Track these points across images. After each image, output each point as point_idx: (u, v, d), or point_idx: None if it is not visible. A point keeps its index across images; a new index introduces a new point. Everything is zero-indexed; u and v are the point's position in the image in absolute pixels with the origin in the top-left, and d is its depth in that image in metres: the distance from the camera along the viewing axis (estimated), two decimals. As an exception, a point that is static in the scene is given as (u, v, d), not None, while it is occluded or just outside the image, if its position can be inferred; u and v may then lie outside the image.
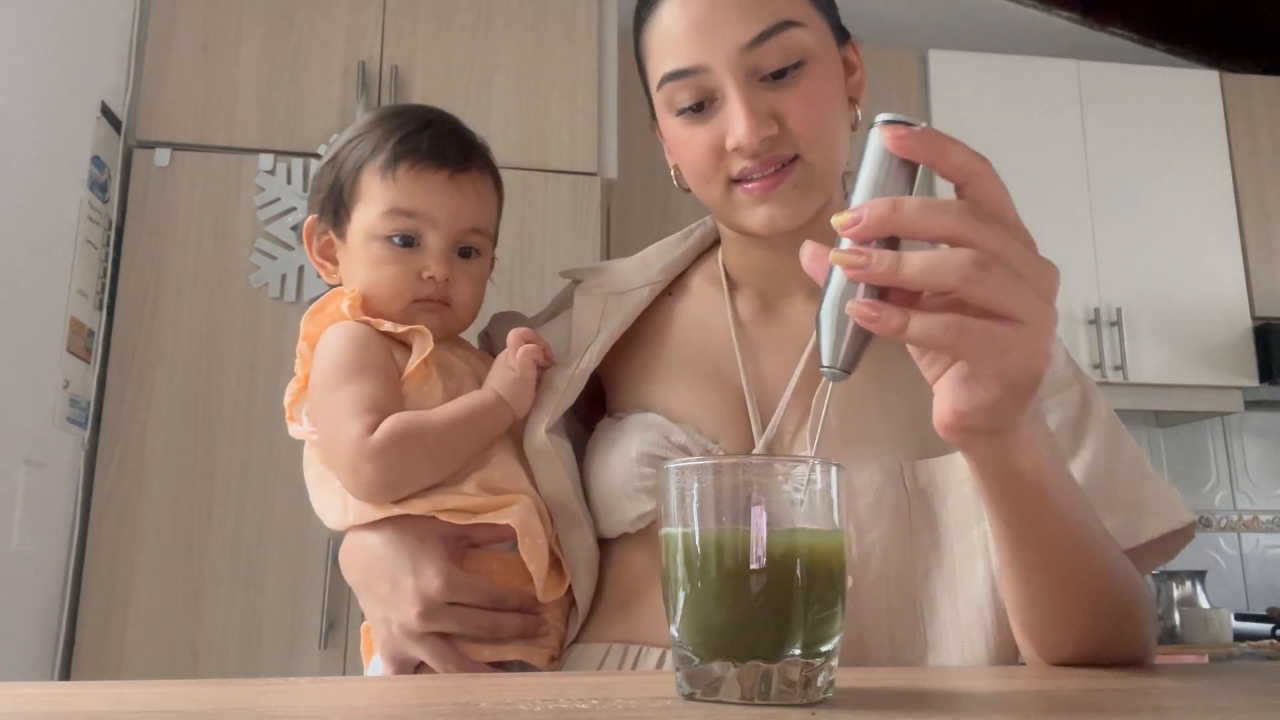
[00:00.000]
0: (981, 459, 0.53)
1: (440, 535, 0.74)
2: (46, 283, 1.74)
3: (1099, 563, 0.59)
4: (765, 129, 0.70)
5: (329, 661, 1.85)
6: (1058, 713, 0.44)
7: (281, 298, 2.00)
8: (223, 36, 2.10)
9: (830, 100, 0.74)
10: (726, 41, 0.70)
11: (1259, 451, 3.19)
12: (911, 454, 0.74)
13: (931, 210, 0.45)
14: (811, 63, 0.72)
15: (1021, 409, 0.49)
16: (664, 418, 0.77)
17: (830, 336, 0.48)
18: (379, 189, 0.79)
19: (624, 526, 0.76)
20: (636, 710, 0.42)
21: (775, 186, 0.73)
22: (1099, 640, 0.62)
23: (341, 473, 0.74)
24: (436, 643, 0.71)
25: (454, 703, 0.46)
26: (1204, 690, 0.51)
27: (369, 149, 0.81)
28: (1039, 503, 0.55)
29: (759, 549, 0.44)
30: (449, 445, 0.75)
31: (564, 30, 2.23)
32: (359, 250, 0.81)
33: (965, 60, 2.88)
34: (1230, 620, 2.57)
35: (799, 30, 0.71)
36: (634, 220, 2.53)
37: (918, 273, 0.44)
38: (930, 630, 0.71)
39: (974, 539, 0.72)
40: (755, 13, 0.70)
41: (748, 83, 0.71)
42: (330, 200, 0.83)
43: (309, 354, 0.79)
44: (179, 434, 1.90)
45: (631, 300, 0.85)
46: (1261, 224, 2.92)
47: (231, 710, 0.43)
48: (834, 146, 0.74)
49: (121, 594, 1.82)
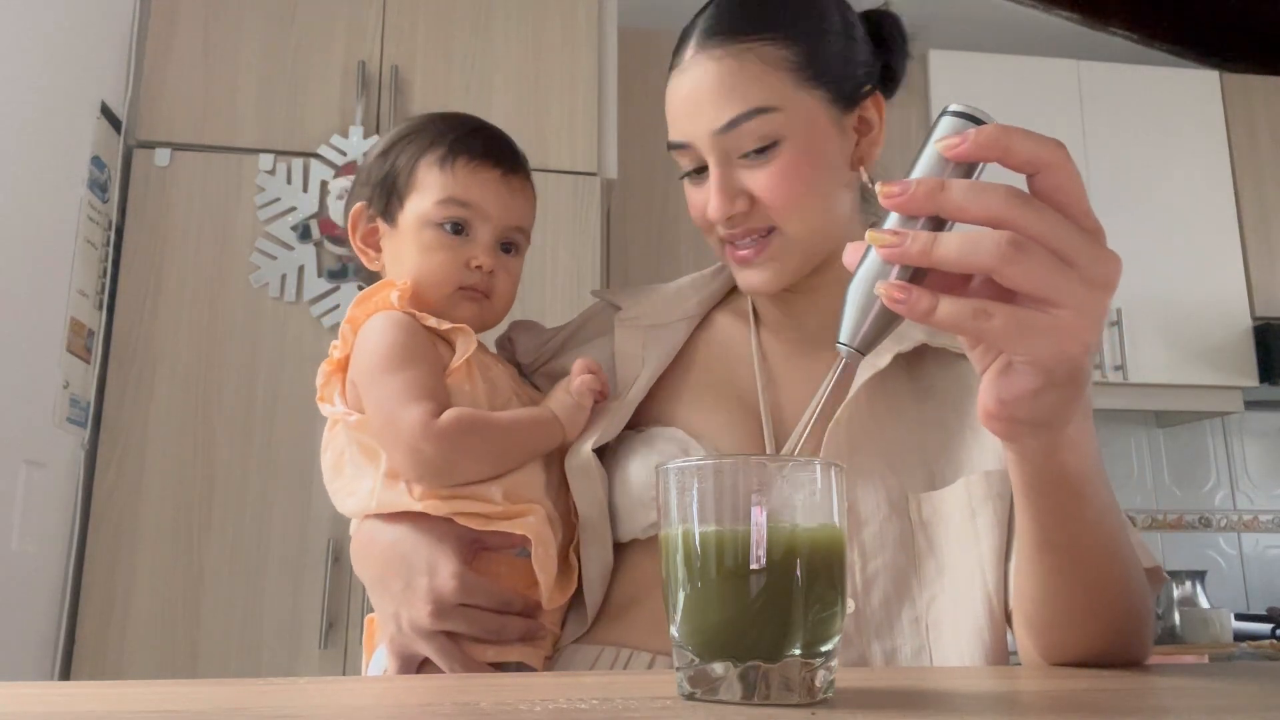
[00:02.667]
0: (1025, 454, 0.52)
1: (456, 536, 0.75)
2: (46, 283, 1.74)
3: (1120, 572, 0.59)
4: (731, 207, 0.76)
5: (329, 661, 1.84)
6: (1058, 713, 0.44)
7: (281, 298, 1.99)
8: (223, 36, 2.10)
9: (811, 175, 0.77)
10: (703, 125, 0.76)
11: (1259, 451, 3.19)
12: (918, 488, 0.76)
13: (979, 192, 0.44)
14: (786, 142, 0.76)
15: (1067, 403, 0.48)
16: (685, 433, 0.80)
17: (854, 315, 0.47)
18: (437, 179, 0.84)
19: (635, 533, 0.78)
20: (636, 710, 0.42)
21: (755, 257, 0.78)
22: (1104, 646, 0.62)
23: (399, 452, 0.76)
24: (444, 641, 0.73)
25: (454, 703, 0.46)
26: (1204, 690, 0.51)
27: (426, 143, 0.85)
28: (1075, 505, 0.54)
29: (759, 549, 0.44)
30: (506, 448, 0.78)
31: (564, 30, 2.23)
32: (411, 235, 0.84)
33: (965, 60, 2.88)
34: (1230, 620, 2.57)
35: (771, 116, 0.75)
36: (634, 220, 2.53)
37: (953, 252, 0.43)
38: (935, 654, 0.72)
39: (972, 561, 0.73)
40: (728, 100, 0.75)
41: (725, 160, 0.77)
42: (382, 189, 0.86)
43: (351, 337, 0.81)
44: (179, 434, 1.90)
45: (672, 334, 0.89)
46: (1261, 224, 2.92)
47: (231, 710, 0.43)
48: (817, 216, 0.78)
49: (121, 594, 1.82)
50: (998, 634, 0.72)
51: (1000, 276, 0.43)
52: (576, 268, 2.10)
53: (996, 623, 0.72)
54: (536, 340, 0.95)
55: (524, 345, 0.95)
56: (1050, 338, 0.44)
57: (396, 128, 0.89)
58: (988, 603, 0.72)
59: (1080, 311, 0.44)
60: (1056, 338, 0.44)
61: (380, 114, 2.11)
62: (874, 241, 0.45)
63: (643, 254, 2.51)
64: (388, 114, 2.11)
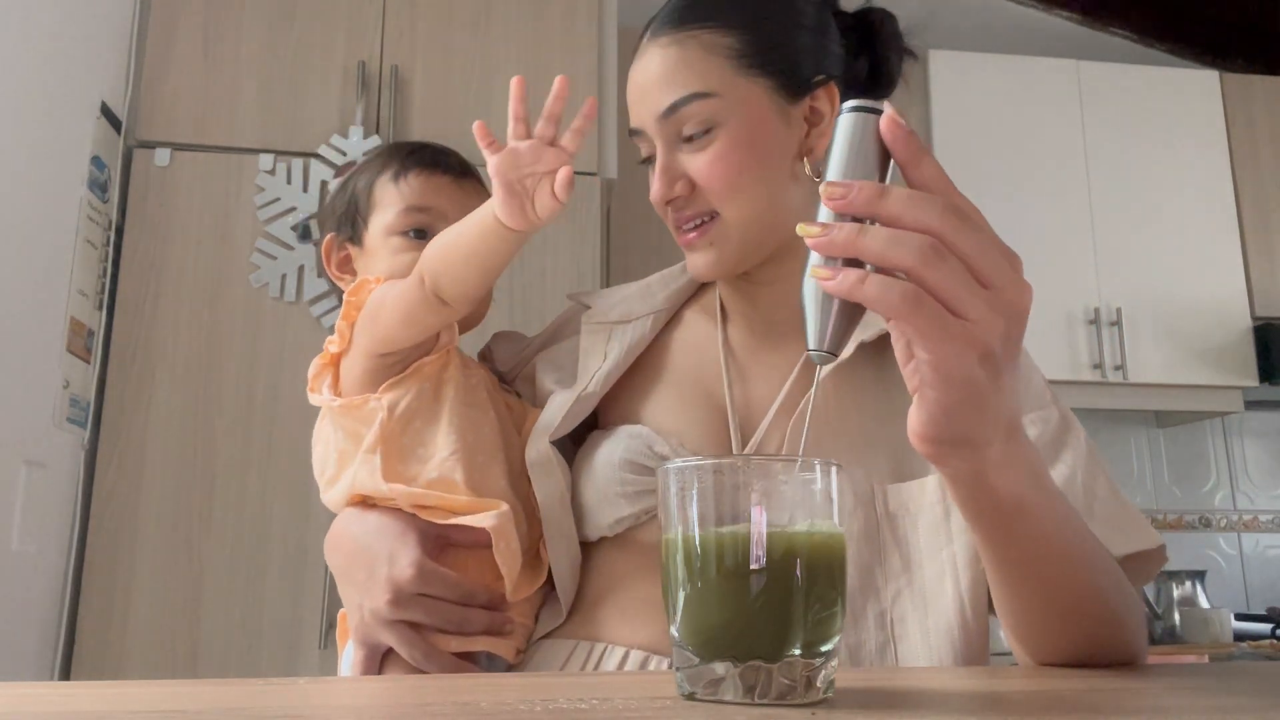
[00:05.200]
0: (956, 476, 0.53)
1: (421, 530, 0.78)
2: (46, 283, 1.74)
3: (1089, 576, 0.59)
4: (670, 191, 0.79)
5: (329, 661, 1.84)
6: (1055, 713, 0.44)
7: (281, 298, 1.99)
8: (223, 36, 2.10)
9: (748, 160, 0.78)
10: (649, 110, 0.80)
11: (1259, 451, 3.19)
12: (884, 480, 0.76)
13: (917, 203, 0.46)
14: (722, 128, 0.77)
15: (976, 420, 0.48)
16: (651, 430, 0.80)
17: (815, 317, 0.48)
18: (394, 193, 0.89)
19: (603, 530, 0.79)
20: (636, 710, 0.42)
21: (697, 239, 0.80)
22: (1090, 648, 0.62)
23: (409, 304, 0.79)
24: (405, 630, 0.75)
25: (454, 703, 0.46)
26: (1204, 690, 0.51)
27: (379, 166, 0.91)
28: (1019, 523, 0.54)
29: (759, 549, 0.44)
30: (467, 252, 0.79)
31: (564, 30, 2.23)
32: (378, 247, 0.89)
33: (965, 60, 2.88)
34: (1230, 620, 2.57)
35: (707, 101, 0.77)
36: (634, 220, 2.53)
37: (876, 244, 0.45)
38: (901, 648, 0.72)
39: (943, 560, 0.73)
40: (669, 85, 0.78)
41: (669, 145, 0.79)
42: (347, 216, 0.93)
43: (348, 331, 0.84)
44: (179, 434, 1.90)
45: (637, 329, 0.89)
46: (1261, 224, 2.92)
47: (231, 710, 0.43)
48: (757, 202, 0.78)
49: (121, 594, 1.82)
50: (970, 638, 0.71)
51: (916, 277, 0.45)
52: (576, 268, 2.10)
53: (969, 626, 0.72)
54: (515, 348, 0.98)
55: (502, 354, 0.98)
56: (955, 344, 0.46)
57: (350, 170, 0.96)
58: (959, 604, 0.72)
59: (979, 326, 0.45)
60: (961, 344, 0.46)
61: (380, 114, 2.11)
62: (802, 233, 0.47)
63: (643, 254, 2.51)
64: (388, 114, 2.11)
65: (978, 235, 0.46)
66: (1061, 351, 2.73)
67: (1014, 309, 0.47)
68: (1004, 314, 0.46)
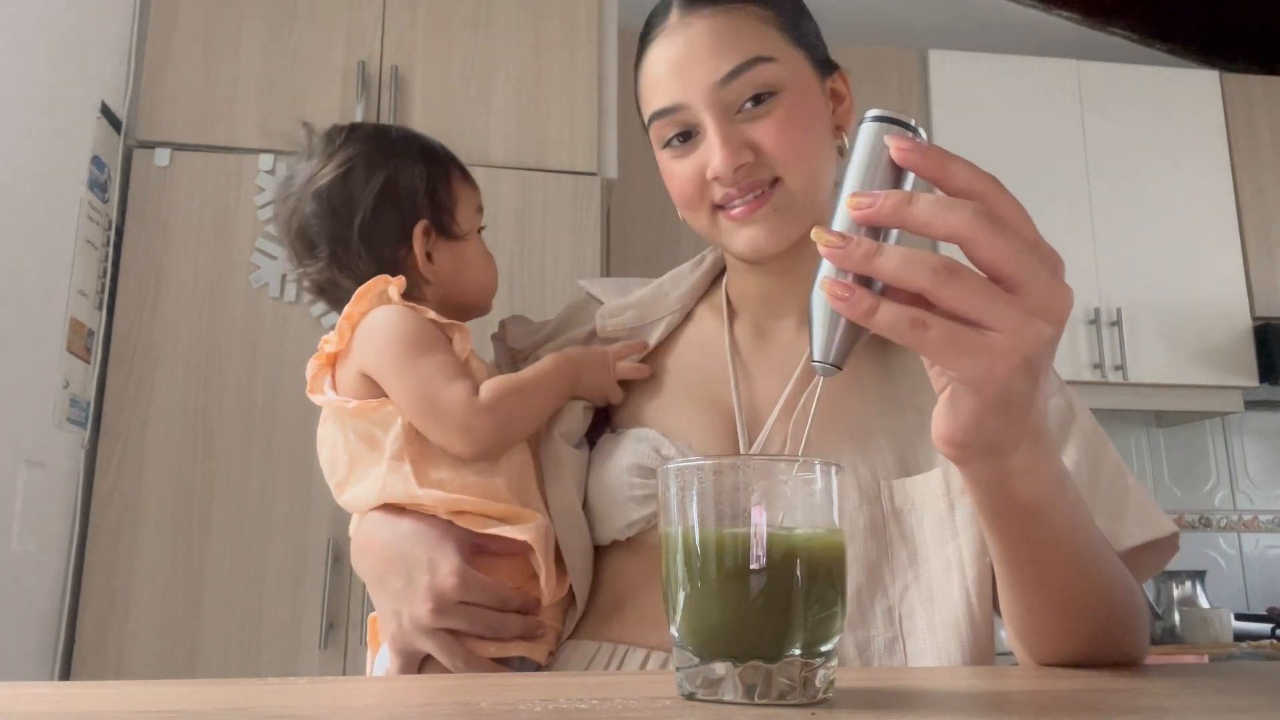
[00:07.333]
0: (977, 479, 0.52)
1: (457, 536, 0.76)
2: (46, 283, 1.74)
3: (1098, 578, 0.59)
4: (739, 157, 0.75)
5: (329, 661, 1.84)
6: (1056, 713, 0.44)
7: (281, 298, 2.00)
8: (223, 36, 2.10)
9: (808, 126, 0.77)
10: (701, 80, 0.76)
11: (1259, 451, 3.19)
12: (889, 473, 0.75)
13: (945, 209, 0.44)
14: (785, 93, 0.77)
15: (1008, 428, 0.48)
16: (658, 433, 0.80)
17: (821, 331, 0.47)
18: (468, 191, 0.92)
19: (615, 534, 0.79)
20: (636, 710, 0.42)
21: (756, 210, 0.77)
22: (1094, 649, 0.62)
23: (449, 431, 0.78)
24: (446, 638, 0.74)
25: (454, 703, 0.46)
26: (1204, 690, 0.51)
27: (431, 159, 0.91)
28: (1036, 527, 0.54)
29: (759, 549, 0.44)
30: (541, 402, 0.82)
31: (564, 30, 2.23)
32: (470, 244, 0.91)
33: (965, 60, 2.88)
34: (1230, 620, 2.57)
35: (769, 65, 0.76)
36: (634, 220, 2.53)
37: (890, 265, 0.44)
38: (909, 644, 0.72)
39: (949, 554, 0.73)
40: (726, 52, 0.76)
41: (724, 116, 0.76)
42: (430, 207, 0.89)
43: (349, 332, 0.83)
44: (179, 434, 1.90)
45: (651, 333, 0.90)
46: (1261, 224, 2.92)
47: (231, 710, 0.43)
48: (816, 170, 0.78)
49: (121, 594, 1.82)
50: (977, 632, 0.71)
51: (932, 297, 0.44)
52: (576, 268, 2.10)
53: (976, 621, 0.71)
54: (527, 329, 0.98)
55: (515, 333, 0.98)
56: (979, 358, 0.44)
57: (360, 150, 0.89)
58: (966, 599, 0.71)
59: (1013, 335, 0.44)
60: (986, 358, 0.44)
61: (380, 114, 2.11)
62: (818, 239, 0.46)
63: (643, 254, 2.51)
64: (388, 114, 2.11)
65: (1007, 240, 0.44)
66: (1061, 351, 2.73)
67: (1050, 314, 0.45)
68: (1041, 318, 0.44)
